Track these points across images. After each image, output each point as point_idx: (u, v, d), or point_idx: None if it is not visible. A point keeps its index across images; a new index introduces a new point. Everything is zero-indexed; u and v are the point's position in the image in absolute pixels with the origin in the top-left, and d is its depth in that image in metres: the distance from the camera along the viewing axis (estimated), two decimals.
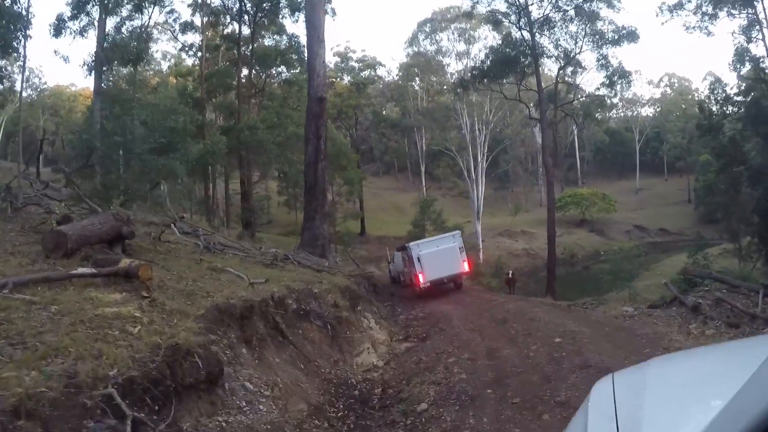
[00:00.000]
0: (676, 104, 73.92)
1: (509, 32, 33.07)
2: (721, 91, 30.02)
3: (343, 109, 52.89)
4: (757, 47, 27.03)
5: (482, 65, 33.65)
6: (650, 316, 11.66)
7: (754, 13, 26.78)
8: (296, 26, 79.19)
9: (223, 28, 40.75)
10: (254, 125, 33.39)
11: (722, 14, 28.00)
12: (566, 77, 35.01)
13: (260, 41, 40.83)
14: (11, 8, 17.89)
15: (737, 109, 28.19)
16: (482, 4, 33.69)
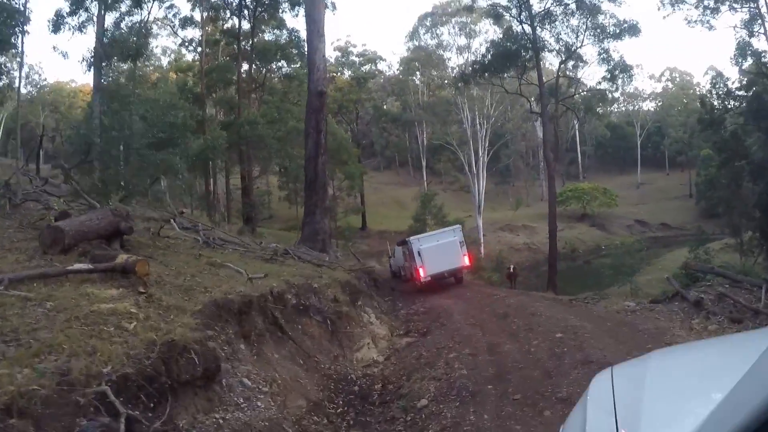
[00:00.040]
0: (677, 99, 73.57)
1: (510, 26, 32.93)
2: (722, 85, 29.85)
3: (343, 103, 52.75)
4: (759, 41, 26.91)
5: (483, 59, 33.60)
6: (652, 311, 11.58)
7: (756, 6, 26.60)
8: (296, 21, 78.92)
9: (222, 22, 40.69)
10: (254, 120, 33.31)
11: (724, 8, 27.83)
12: (567, 71, 34.87)
13: (260, 36, 40.77)
14: (8, 4, 17.83)
15: (739, 103, 28.08)
16: None
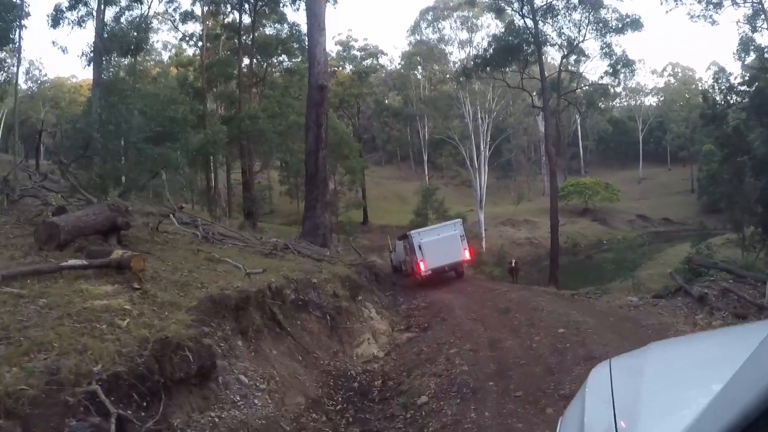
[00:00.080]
0: (679, 94, 73.19)
1: (512, 20, 32.81)
2: (725, 80, 29.76)
3: (345, 97, 52.65)
4: (762, 37, 26.95)
5: (485, 53, 33.45)
6: (655, 306, 11.50)
7: (759, 2, 26.40)
8: (297, 15, 79.09)
9: (223, 17, 40.46)
10: (255, 114, 33.22)
11: (727, 3, 27.63)
12: (569, 66, 34.78)
13: (261, 30, 40.63)
14: None
15: (741, 98, 27.97)
16: None
